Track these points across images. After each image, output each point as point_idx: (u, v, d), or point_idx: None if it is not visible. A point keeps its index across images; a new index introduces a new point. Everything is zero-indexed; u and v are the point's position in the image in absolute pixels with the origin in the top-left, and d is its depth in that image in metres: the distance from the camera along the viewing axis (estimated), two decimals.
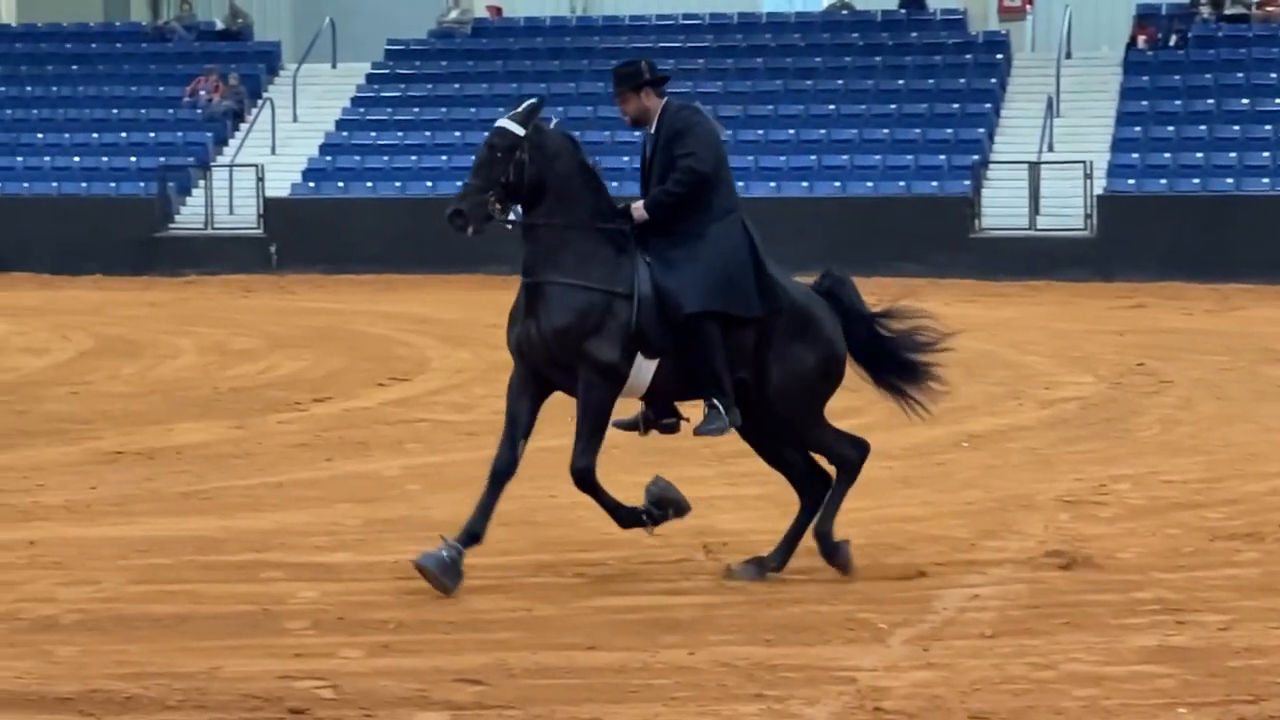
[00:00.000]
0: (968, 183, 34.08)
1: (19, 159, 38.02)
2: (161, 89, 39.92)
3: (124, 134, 38.61)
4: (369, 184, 36.22)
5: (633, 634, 8.94)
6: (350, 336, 24.09)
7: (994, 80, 36.92)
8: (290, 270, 34.69)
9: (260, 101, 39.02)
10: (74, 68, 40.98)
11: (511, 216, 10.03)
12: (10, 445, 14.96)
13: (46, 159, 38.01)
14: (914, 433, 15.70)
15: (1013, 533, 11.49)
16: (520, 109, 10.01)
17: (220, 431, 15.84)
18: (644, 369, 9.94)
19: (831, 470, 10.60)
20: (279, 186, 36.12)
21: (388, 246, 34.44)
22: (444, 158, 36.45)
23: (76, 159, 37.96)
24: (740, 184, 34.51)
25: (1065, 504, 12.47)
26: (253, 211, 35.92)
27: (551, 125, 10.17)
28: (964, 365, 20.27)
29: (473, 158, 10.02)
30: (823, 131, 35.82)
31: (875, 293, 31.86)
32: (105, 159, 37.91)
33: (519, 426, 10.17)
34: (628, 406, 10.36)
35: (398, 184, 36.08)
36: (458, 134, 36.98)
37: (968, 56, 37.64)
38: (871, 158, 35.06)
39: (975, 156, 34.69)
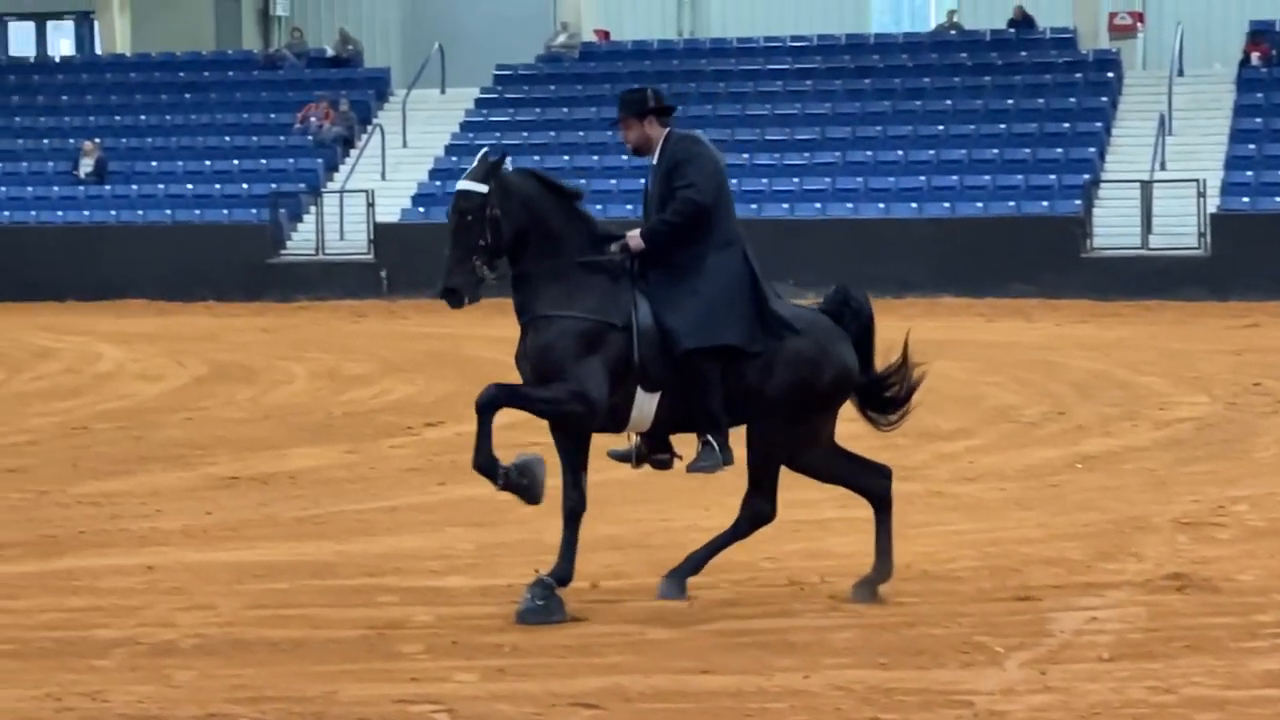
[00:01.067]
0: (1079, 202, 33.87)
1: (134, 187, 38.43)
2: (273, 116, 40.26)
3: (236, 161, 38.95)
4: None
5: (747, 657, 8.92)
6: (461, 361, 24.16)
7: (1105, 98, 36.67)
8: (401, 295, 34.85)
9: (370, 127, 39.28)
10: (187, 96, 41.39)
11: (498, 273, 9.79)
12: (128, 471, 15.09)
13: (160, 187, 38.41)
14: (1027, 454, 15.64)
15: (1129, 555, 11.38)
16: (476, 165, 9.76)
17: (334, 456, 15.93)
18: (646, 404, 9.77)
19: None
20: (389, 212, 36.33)
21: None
22: None
23: (190, 186, 38.33)
24: (849, 205, 34.75)
25: (1182, 526, 12.34)
26: (363, 237, 36.14)
27: (510, 169, 9.90)
28: (1077, 386, 20.18)
29: (580, 181, 9.96)
30: (931, 152, 35.69)
31: (985, 314, 31.75)
32: (218, 186, 38.26)
33: (574, 463, 10.01)
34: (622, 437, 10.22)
35: None
36: (566, 157, 37.08)
37: (1078, 75, 37.42)
38: (981, 178, 34.89)
39: (1086, 176, 34.47)
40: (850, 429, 10.92)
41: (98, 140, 39.11)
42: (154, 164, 39.17)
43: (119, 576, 10.90)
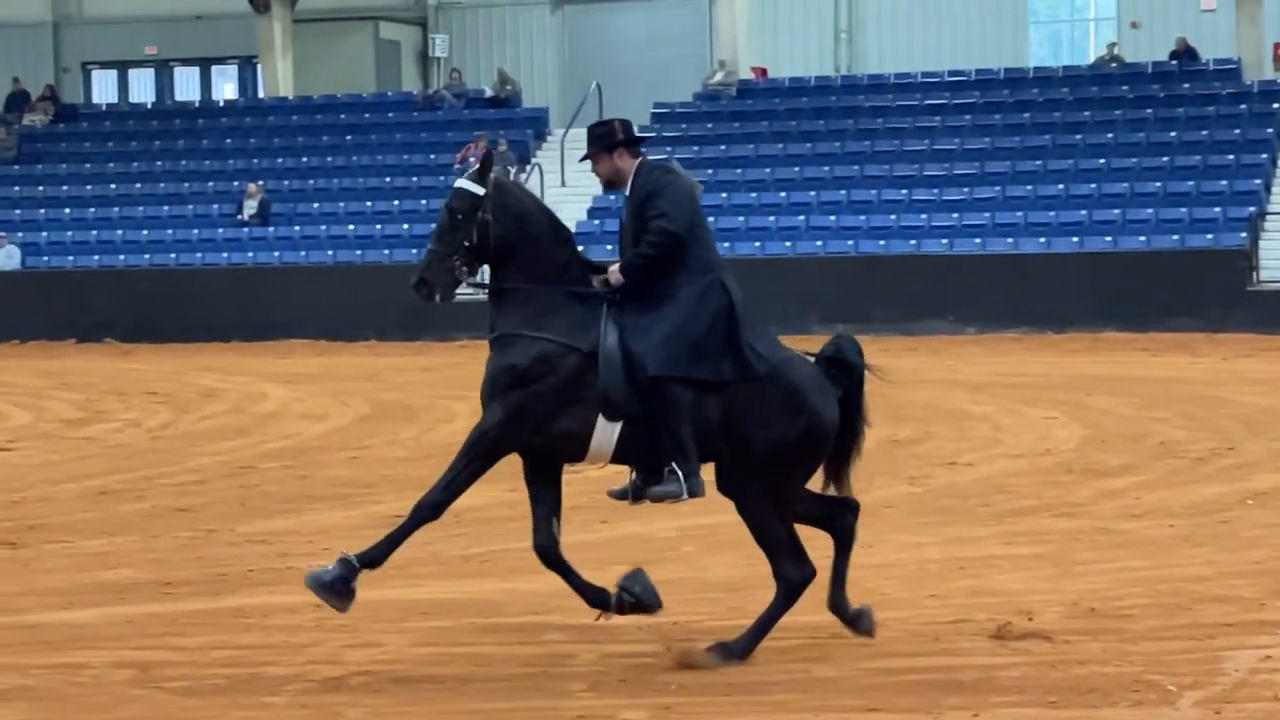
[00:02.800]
0: (1244, 235, 33.45)
1: (296, 228, 38.87)
2: (432, 157, 40.60)
3: (396, 202, 39.32)
4: None
5: (914, 695, 8.86)
6: None
7: (1270, 130, 36.20)
8: None
9: (529, 167, 39.49)
10: (348, 138, 41.86)
11: (477, 280, 9.72)
12: (294, 510, 15.25)
13: (322, 228, 38.83)
14: (1195, 490, 15.44)
15: None
16: (476, 165, 9.68)
17: (496, 495, 15.93)
18: (606, 432, 9.52)
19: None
20: None
21: None
22: (710, 219, 36.37)
23: (351, 227, 38.73)
24: (1009, 240, 34.53)
25: None
26: None
27: (514, 179, 9.89)
28: (1245, 421, 19.90)
29: (740, 219, 9.86)
30: (1093, 186, 35.39)
31: (1149, 349, 31.35)
32: (379, 227, 38.62)
33: (542, 507, 9.86)
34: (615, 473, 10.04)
35: None
36: (724, 195, 37.11)
37: (1242, 106, 36.97)
38: (1144, 211, 34.54)
39: (1251, 208, 34.04)
40: None
41: (261, 183, 39.63)
42: (316, 205, 39.63)
43: (288, 614, 11.01)
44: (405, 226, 38.31)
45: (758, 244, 35.76)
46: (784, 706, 8.66)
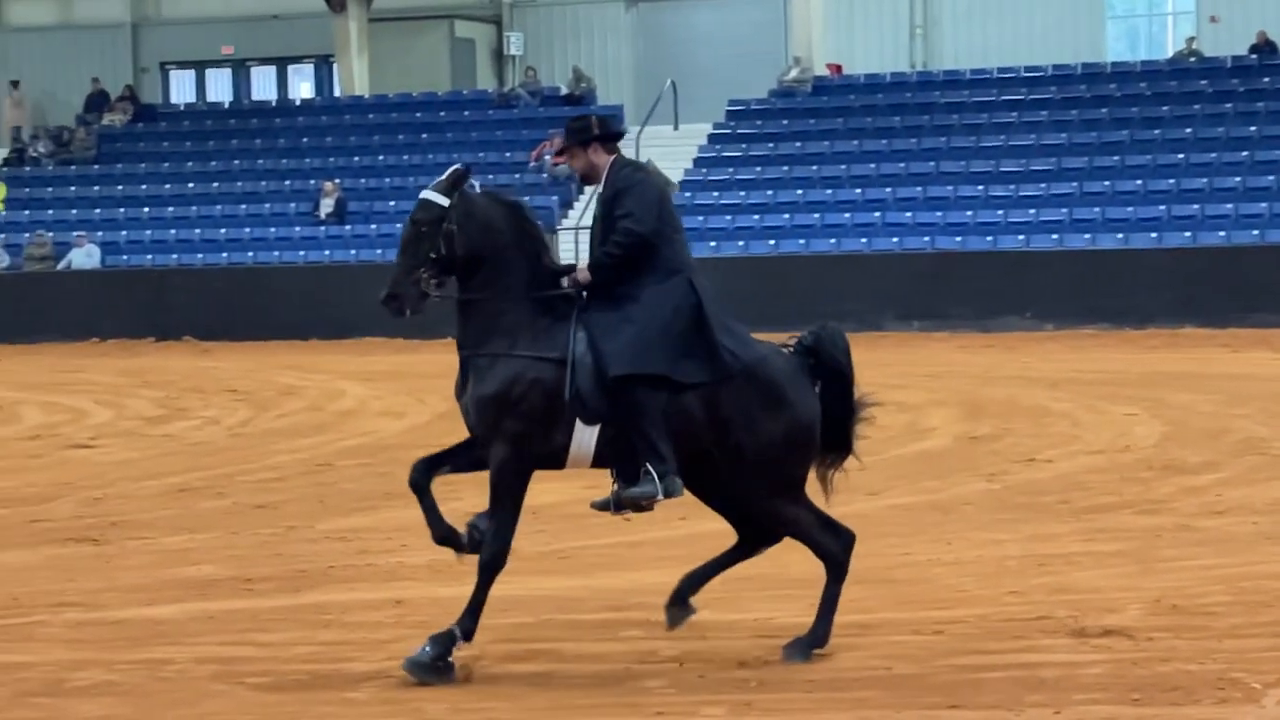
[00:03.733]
0: None
1: (373, 226, 39.03)
2: (508, 154, 40.70)
3: None
4: (712, 243, 36.42)
5: (995, 692, 8.83)
6: None
7: None
8: None
9: None
10: (423, 136, 41.99)
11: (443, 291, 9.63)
12: (374, 507, 15.30)
13: (398, 226, 38.80)
14: (1278, 487, 15.31)
15: None
16: (444, 177, 9.59)
17: (574, 491, 15.94)
18: (585, 435, 9.47)
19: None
20: None
21: (731, 305, 34.45)
22: (786, 216, 36.58)
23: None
24: (1086, 236, 34.30)
25: None
26: None
27: (477, 188, 9.77)
28: None
29: (816, 215, 9.79)
30: (1171, 181, 35.17)
31: (1230, 344, 31.16)
32: None
33: (458, 452, 9.83)
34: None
35: (740, 243, 36.23)
36: (800, 192, 37.07)
37: None
38: (1223, 206, 34.29)
39: None
40: None
41: (337, 181, 39.81)
42: (392, 203, 39.75)
43: (368, 610, 11.06)
44: None
45: (833, 240, 35.69)
46: (864, 703, 8.65)
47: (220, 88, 49.04)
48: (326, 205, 39.42)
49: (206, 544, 13.60)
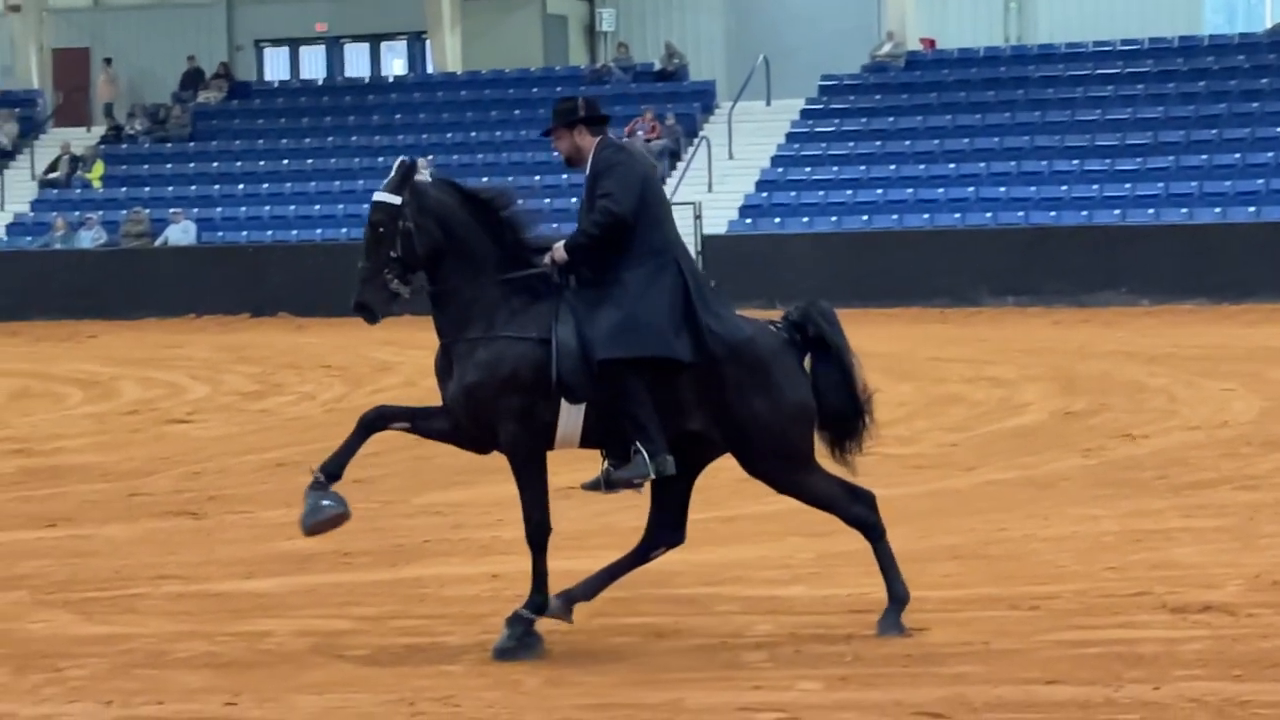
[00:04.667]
0: None
1: None
2: None
3: (565, 176, 39.40)
4: (805, 219, 36.39)
5: (1094, 668, 8.78)
6: None
7: None
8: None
9: (696, 140, 39.51)
10: (516, 112, 42.06)
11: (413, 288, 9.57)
12: (468, 482, 15.35)
13: None
14: None
15: None
16: (392, 174, 9.52)
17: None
18: (571, 415, 9.42)
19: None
20: (716, 223, 36.49)
21: (824, 281, 34.45)
22: (879, 191, 36.45)
23: (520, 201, 38.77)
24: (1183, 210, 34.04)
25: None
26: (691, 248, 36.22)
27: (430, 179, 9.67)
28: None
29: (909, 190, 9.69)
30: (1270, 154, 34.84)
31: None
32: (547, 200, 38.70)
33: (419, 412, 9.93)
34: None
35: (833, 219, 36.17)
36: (892, 167, 36.95)
37: None
38: None
39: None
40: None
41: (430, 157, 39.86)
42: (484, 179, 39.77)
43: (465, 584, 11.11)
44: (573, 200, 38.37)
45: (926, 216, 35.56)
46: (962, 679, 8.62)
47: (314, 65, 49.24)
48: None
49: None
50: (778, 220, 36.55)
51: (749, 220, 36.70)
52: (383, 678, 8.93)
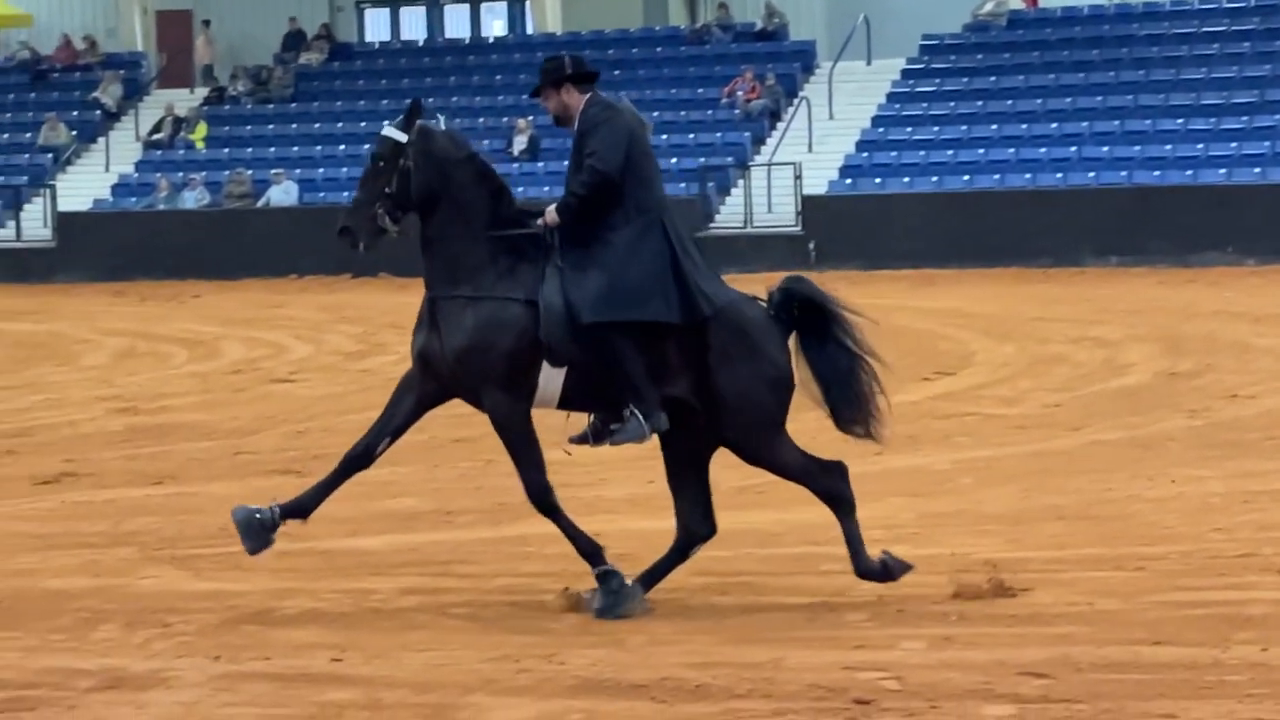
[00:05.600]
0: None
1: (565, 163, 38.88)
2: (700, 90, 40.62)
3: (664, 136, 39.35)
4: (905, 180, 36.22)
5: (1201, 629, 8.72)
6: (892, 331, 24.01)
7: None
8: (828, 267, 34.85)
9: (796, 100, 39.36)
10: (616, 73, 41.92)
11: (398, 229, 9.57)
12: (560, 442, 15.35)
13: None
14: None
15: None
16: (404, 115, 9.52)
17: None
18: (551, 378, 9.38)
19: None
20: (816, 184, 36.38)
21: (926, 241, 34.37)
22: (981, 151, 36.23)
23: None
24: None
25: None
26: (791, 209, 36.26)
27: (440, 125, 9.60)
28: None
29: (1011, 150, 9.58)
30: None
31: None
32: (674, 160, 38.71)
33: (391, 421, 9.63)
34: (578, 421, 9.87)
35: (934, 179, 35.98)
36: (994, 127, 36.69)
37: None
38: None
39: None
40: None
41: (530, 118, 39.93)
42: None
43: (567, 542, 11.09)
44: (673, 160, 38.33)
45: (1029, 176, 35.31)
46: (1067, 639, 8.58)
47: (414, 26, 49.32)
48: (520, 142, 39.59)
49: (408, 477, 13.75)
50: (878, 181, 36.41)
51: (849, 181, 36.57)
52: (487, 635, 8.97)
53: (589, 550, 9.62)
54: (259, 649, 8.75)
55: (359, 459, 9.65)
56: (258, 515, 9.49)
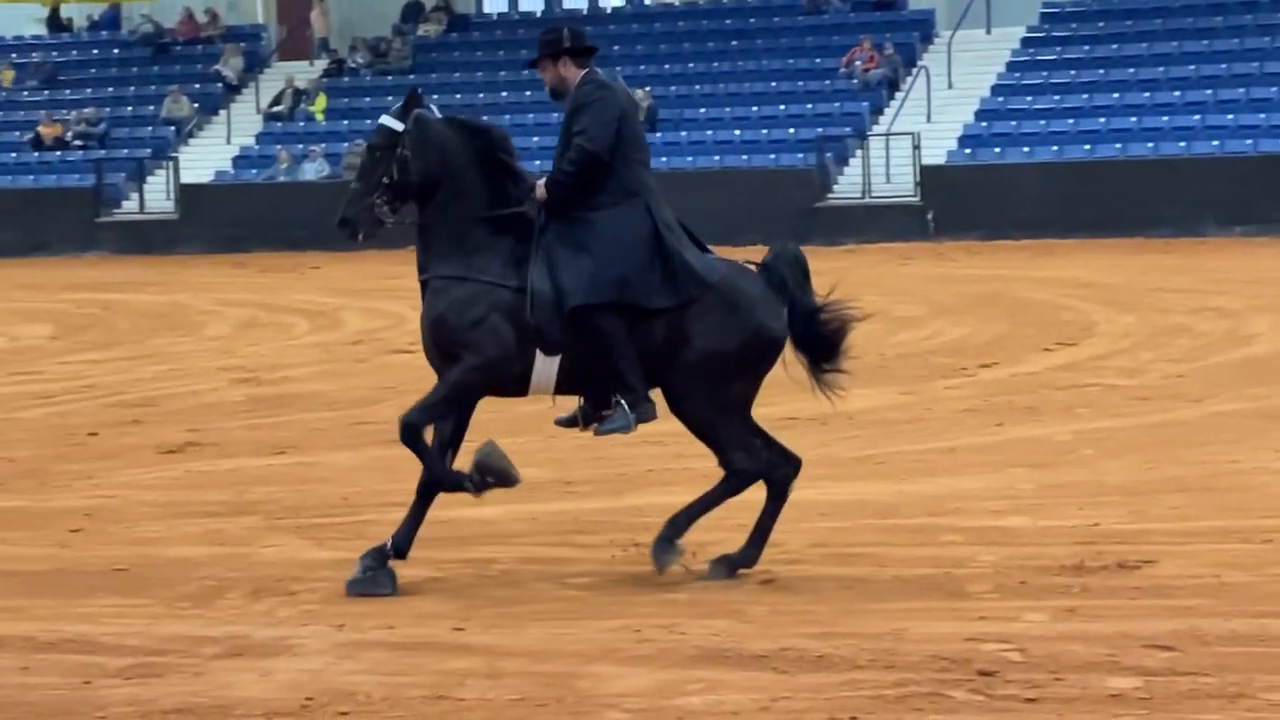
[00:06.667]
0: None
1: (683, 134, 39.07)
2: (818, 60, 40.47)
3: (782, 106, 39.29)
4: (1025, 149, 35.96)
5: None
6: (1011, 302, 23.97)
7: None
8: (947, 237, 34.73)
9: (915, 69, 39.16)
10: (733, 43, 41.92)
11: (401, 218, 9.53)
12: None
13: (709, 133, 39.00)
14: None
15: None
16: (402, 103, 9.50)
17: (890, 397, 15.97)
18: (546, 366, 9.32)
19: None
20: (935, 154, 36.19)
21: (1046, 211, 34.14)
22: (1102, 120, 35.91)
23: (737, 132, 38.83)
24: None
25: None
26: (909, 179, 36.09)
27: (435, 113, 9.56)
28: None
29: (1134, 118, 9.50)
30: None
31: None
32: (765, 131, 38.66)
33: (443, 439, 9.58)
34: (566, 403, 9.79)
35: (1055, 148, 35.71)
36: (1116, 95, 36.37)
37: None
38: None
39: None
40: None
41: (647, 89, 39.90)
42: (702, 111, 39.78)
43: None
44: (791, 131, 38.29)
45: (1151, 145, 34.99)
46: (1192, 611, 8.50)
47: None
48: None
49: (527, 447, 13.75)
50: (998, 150, 36.16)
51: (968, 150, 36.34)
52: (607, 605, 8.99)
53: (448, 479, 9.53)
54: (381, 617, 8.81)
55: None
56: (377, 553, 9.46)
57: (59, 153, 42.97)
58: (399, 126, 9.48)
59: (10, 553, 10.58)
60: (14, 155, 43.35)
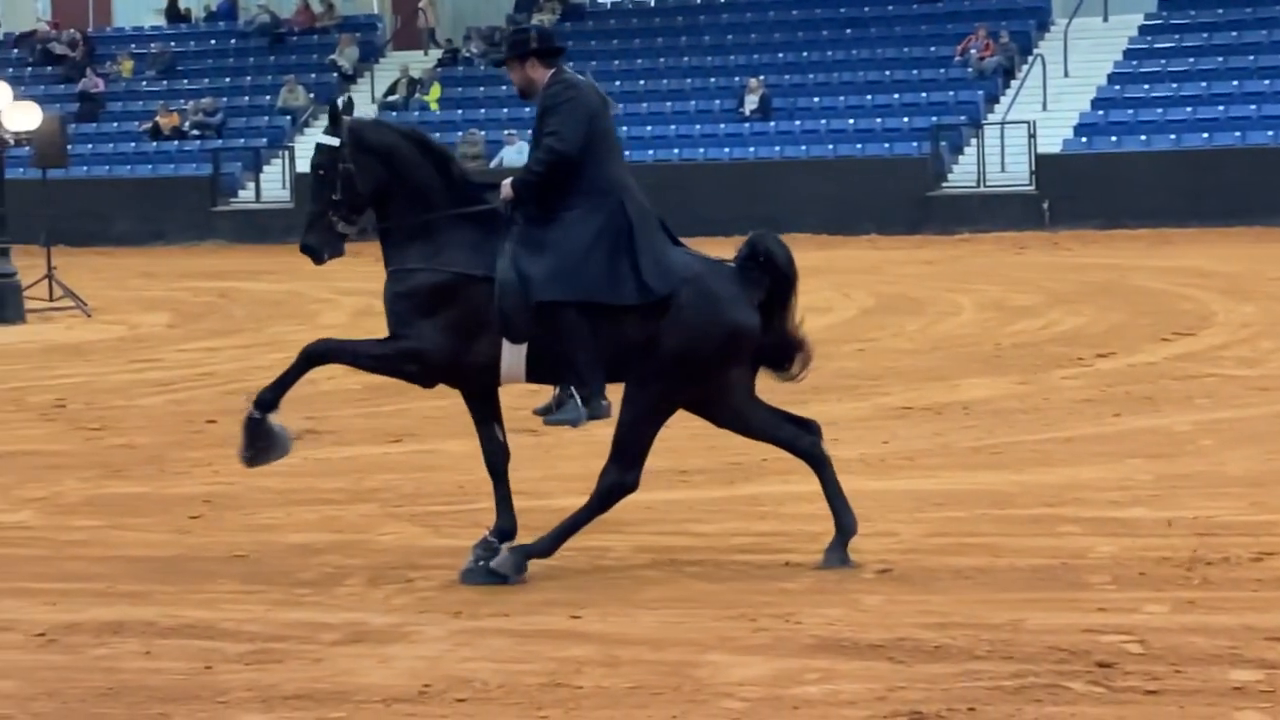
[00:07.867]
0: None
1: (796, 123, 39.01)
2: (933, 49, 40.29)
3: (897, 95, 39.15)
4: (1142, 138, 35.67)
5: None
6: (1128, 291, 23.78)
7: None
8: (1063, 226, 34.50)
9: (1031, 58, 38.90)
10: (848, 31, 41.80)
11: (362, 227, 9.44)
12: (803, 401, 15.25)
13: (822, 122, 38.91)
14: None
15: None
16: (329, 121, 9.42)
17: (1005, 387, 15.90)
18: (514, 355, 9.25)
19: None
20: (1051, 142, 35.95)
21: (1163, 200, 33.85)
22: (1220, 108, 35.56)
23: (851, 121, 38.73)
24: None
25: None
26: (1024, 168, 35.87)
27: (365, 121, 9.52)
28: None
29: (1253, 107, 9.41)
30: None
31: None
32: (879, 120, 38.54)
33: (484, 416, 9.68)
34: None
35: (1172, 136, 35.40)
36: (1235, 83, 36.02)
37: None
38: None
39: None
40: None
41: (762, 78, 39.91)
42: (816, 99, 39.71)
43: (802, 503, 11.09)
44: (905, 120, 38.14)
45: (1270, 133, 34.70)
46: None
47: None
48: (751, 102, 39.55)
49: None
50: (1114, 139, 35.87)
51: (1084, 139, 36.08)
52: (723, 594, 8.98)
53: (265, 398, 9.83)
54: (498, 605, 8.84)
55: (499, 462, 9.78)
56: (493, 547, 9.53)
57: (176, 142, 43.39)
58: (334, 141, 9.40)
59: (131, 538, 10.70)
60: (132, 145, 43.81)
